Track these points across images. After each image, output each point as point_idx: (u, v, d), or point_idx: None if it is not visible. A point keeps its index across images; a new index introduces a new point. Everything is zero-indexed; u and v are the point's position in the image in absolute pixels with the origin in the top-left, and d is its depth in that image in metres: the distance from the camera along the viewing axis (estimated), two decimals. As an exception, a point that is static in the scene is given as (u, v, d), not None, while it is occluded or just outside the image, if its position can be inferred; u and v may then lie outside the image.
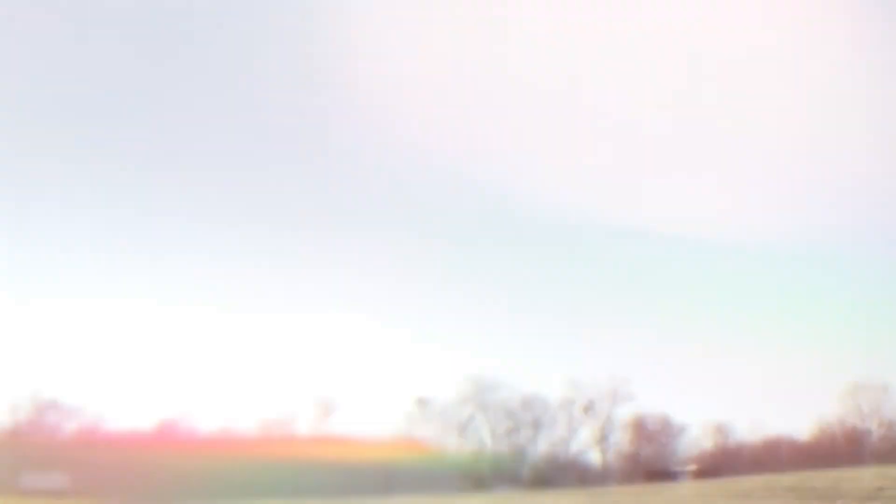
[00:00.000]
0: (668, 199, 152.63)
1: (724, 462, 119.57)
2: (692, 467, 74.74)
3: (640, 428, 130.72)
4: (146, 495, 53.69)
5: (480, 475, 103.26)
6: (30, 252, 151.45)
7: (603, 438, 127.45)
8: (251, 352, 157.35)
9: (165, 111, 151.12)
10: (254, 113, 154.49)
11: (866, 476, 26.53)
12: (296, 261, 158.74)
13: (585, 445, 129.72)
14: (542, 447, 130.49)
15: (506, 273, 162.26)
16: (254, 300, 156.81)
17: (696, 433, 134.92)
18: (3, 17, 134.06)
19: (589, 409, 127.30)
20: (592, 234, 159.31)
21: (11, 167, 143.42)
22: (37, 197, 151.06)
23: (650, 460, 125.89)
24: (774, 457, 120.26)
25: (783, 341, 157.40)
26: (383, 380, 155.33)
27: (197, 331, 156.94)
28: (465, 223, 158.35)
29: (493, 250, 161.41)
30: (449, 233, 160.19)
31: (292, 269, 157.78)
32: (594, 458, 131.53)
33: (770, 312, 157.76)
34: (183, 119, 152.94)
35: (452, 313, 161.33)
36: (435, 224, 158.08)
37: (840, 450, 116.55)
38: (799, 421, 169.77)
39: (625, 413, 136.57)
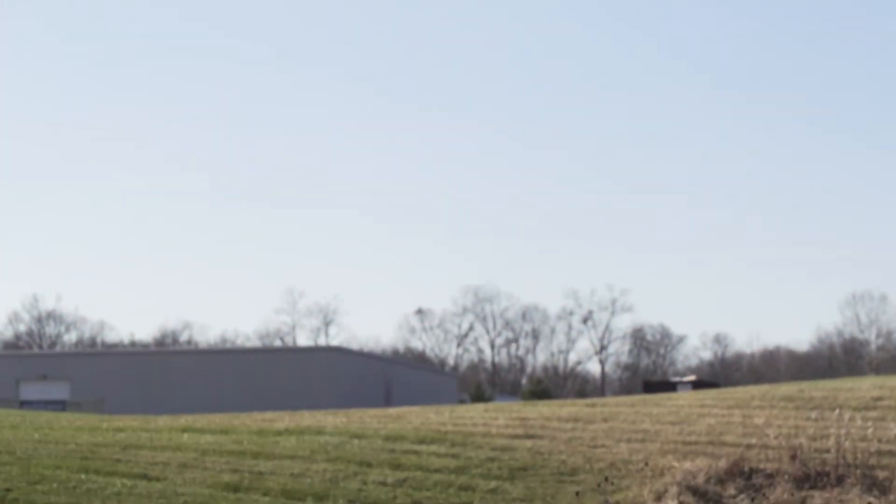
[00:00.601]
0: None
1: (722, 372, 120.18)
2: (691, 378, 75.05)
3: (639, 338, 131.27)
4: (147, 406, 53.91)
5: (479, 385, 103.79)
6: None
7: (602, 349, 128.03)
8: (250, 258, 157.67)
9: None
10: None
11: (864, 386, 26.57)
12: (292, 158, 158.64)
13: (584, 356, 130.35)
14: (541, 358, 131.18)
15: (504, 181, 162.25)
16: (254, 196, 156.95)
17: (695, 344, 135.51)
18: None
19: (588, 319, 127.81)
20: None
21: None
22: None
23: (649, 371, 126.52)
24: (772, 367, 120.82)
25: (782, 252, 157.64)
26: (383, 290, 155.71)
27: (197, 236, 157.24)
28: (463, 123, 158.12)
29: (490, 151, 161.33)
30: (448, 141, 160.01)
31: (290, 166, 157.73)
32: (593, 368, 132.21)
33: (768, 223, 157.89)
34: None
35: (450, 222, 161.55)
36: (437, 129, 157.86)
37: (838, 360, 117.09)
38: (797, 331, 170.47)
39: (624, 324, 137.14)
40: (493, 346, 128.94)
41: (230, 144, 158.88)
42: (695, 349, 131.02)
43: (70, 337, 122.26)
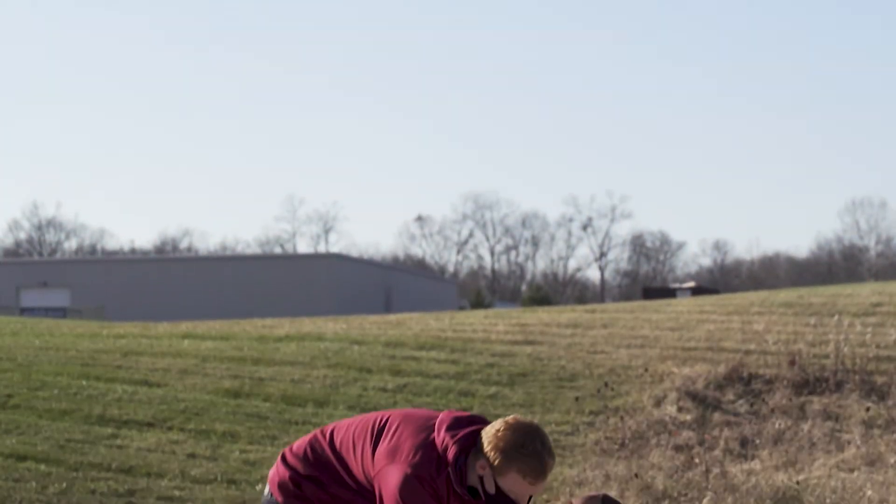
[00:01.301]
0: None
1: (721, 279, 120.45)
2: (690, 284, 75.21)
3: (639, 245, 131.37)
4: (148, 313, 54.05)
5: (479, 292, 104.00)
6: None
7: (601, 256, 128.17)
8: (250, 165, 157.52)
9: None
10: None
11: (863, 292, 26.59)
12: (293, 64, 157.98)
13: (584, 263, 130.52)
14: (540, 264, 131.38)
15: (505, 87, 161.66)
16: (254, 102, 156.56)
17: (695, 250, 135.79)
18: None
19: (588, 226, 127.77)
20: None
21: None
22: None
23: (648, 278, 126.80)
24: (772, 274, 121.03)
25: (781, 157, 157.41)
26: (382, 197, 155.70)
27: (197, 143, 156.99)
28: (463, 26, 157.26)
29: (490, 56, 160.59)
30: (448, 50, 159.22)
31: (291, 73, 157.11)
32: (592, 275, 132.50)
33: (768, 129, 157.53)
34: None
35: (451, 129, 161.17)
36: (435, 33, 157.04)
37: (837, 267, 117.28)
38: (796, 238, 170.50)
39: (623, 230, 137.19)
40: (492, 253, 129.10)
41: (235, 52, 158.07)
42: (694, 256, 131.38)
43: (70, 244, 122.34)
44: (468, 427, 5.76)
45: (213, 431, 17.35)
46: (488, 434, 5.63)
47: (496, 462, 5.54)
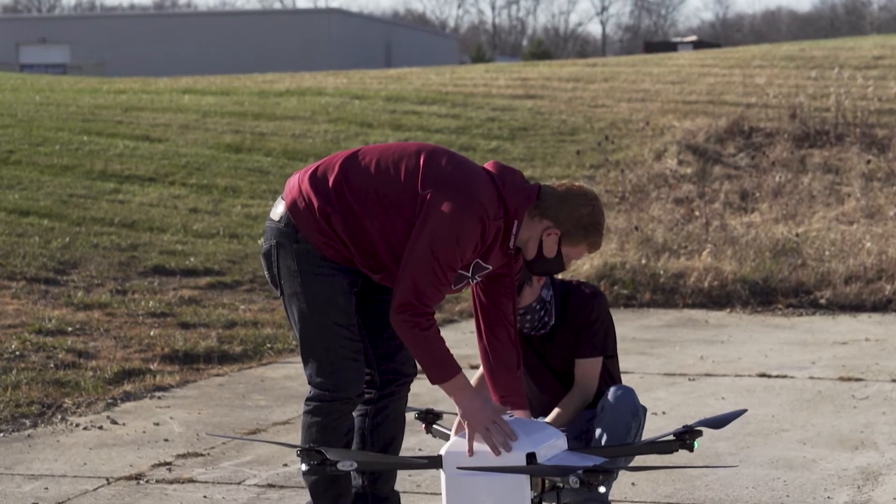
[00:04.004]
0: None
1: (723, 33, 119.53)
2: (692, 38, 74.62)
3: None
4: (148, 69, 53.76)
5: (479, 47, 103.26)
6: None
7: (603, 10, 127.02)
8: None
9: None
10: None
11: (865, 45, 26.39)
12: None
13: (585, 17, 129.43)
14: (541, 19, 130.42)
15: None
16: None
17: (696, 4, 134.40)
18: None
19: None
20: None
21: None
22: None
23: (650, 32, 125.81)
24: (773, 28, 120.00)
25: None
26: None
27: None
28: None
29: None
30: None
31: None
32: (594, 30, 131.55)
33: None
34: None
35: None
36: None
37: (839, 20, 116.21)
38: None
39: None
40: (493, 7, 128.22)
41: None
42: (696, 10, 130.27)
43: (69, 0, 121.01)
44: (526, 182, 5.44)
45: (215, 186, 17.43)
46: (563, 204, 5.38)
47: (573, 232, 5.38)
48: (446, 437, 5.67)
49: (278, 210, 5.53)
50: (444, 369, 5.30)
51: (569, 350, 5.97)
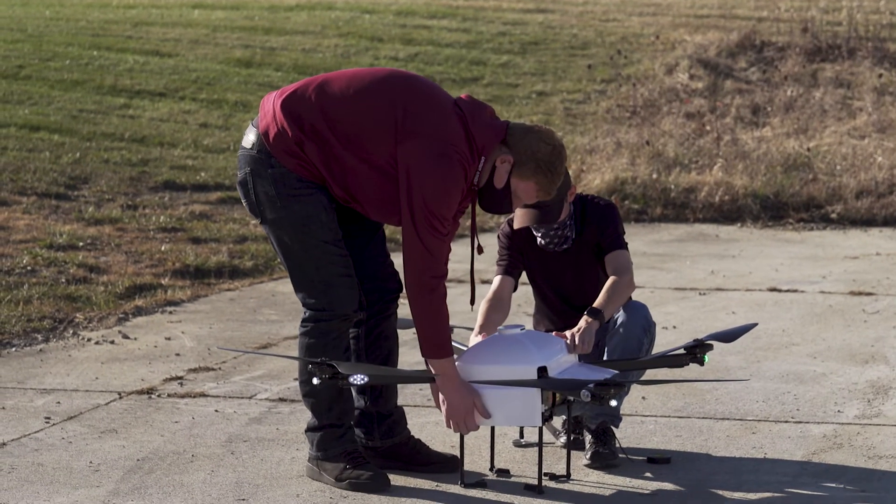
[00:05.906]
0: None
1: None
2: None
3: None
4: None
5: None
6: None
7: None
8: None
9: None
10: None
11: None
12: None
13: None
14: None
15: None
16: None
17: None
18: None
19: None
20: None
21: None
22: None
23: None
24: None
25: None
26: None
27: None
28: None
29: None
30: None
31: None
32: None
33: None
34: None
35: None
36: None
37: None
38: None
39: None
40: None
41: None
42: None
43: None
44: (495, 119, 5.48)
45: (225, 101, 17.38)
46: (525, 136, 5.39)
47: (525, 163, 5.36)
48: (458, 352, 5.70)
49: (250, 137, 5.46)
50: (440, 350, 5.38)
51: (588, 257, 5.97)
